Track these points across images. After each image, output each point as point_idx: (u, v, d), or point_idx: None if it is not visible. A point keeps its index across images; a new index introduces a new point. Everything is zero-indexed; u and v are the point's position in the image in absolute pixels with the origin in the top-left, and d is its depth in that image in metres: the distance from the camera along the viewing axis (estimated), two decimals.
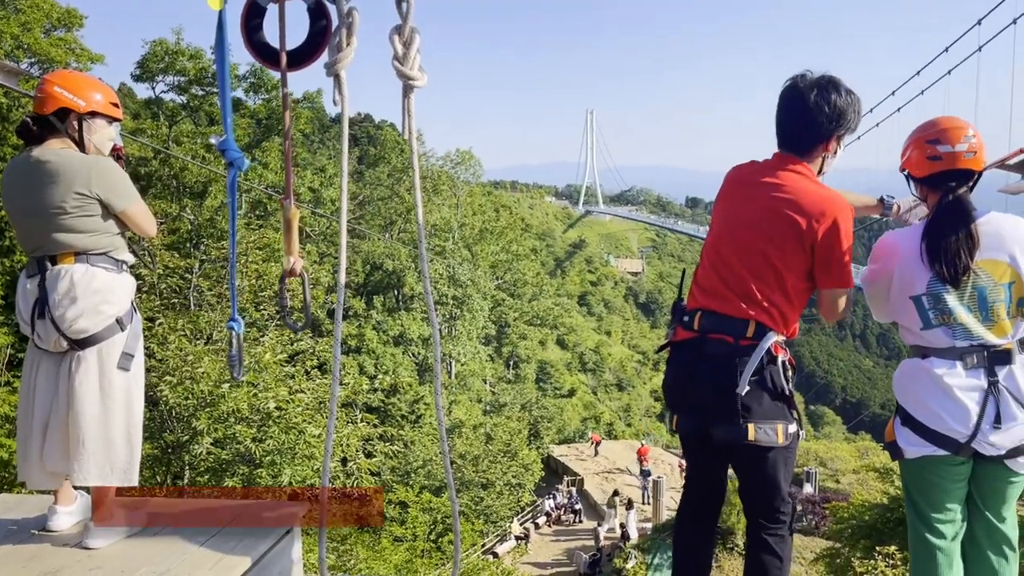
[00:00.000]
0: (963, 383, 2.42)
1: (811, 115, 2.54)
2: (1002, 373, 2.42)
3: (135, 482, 2.92)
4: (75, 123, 2.89)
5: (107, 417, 2.87)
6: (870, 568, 12.36)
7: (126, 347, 2.93)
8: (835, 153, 2.65)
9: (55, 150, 2.84)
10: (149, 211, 3.03)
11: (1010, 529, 2.62)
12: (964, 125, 2.49)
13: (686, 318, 2.66)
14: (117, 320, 2.91)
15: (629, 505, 25.97)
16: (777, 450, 2.58)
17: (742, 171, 2.71)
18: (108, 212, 2.88)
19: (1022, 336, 2.45)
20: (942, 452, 2.49)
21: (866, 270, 2.70)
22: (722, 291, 2.59)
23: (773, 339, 2.53)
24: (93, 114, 2.92)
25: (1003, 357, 2.43)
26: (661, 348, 2.81)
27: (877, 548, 12.62)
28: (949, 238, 2.41)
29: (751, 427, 2.51)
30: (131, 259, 3.06)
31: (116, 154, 3.05)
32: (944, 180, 2.50)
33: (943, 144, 2.47)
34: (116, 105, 2.99)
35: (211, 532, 3.02)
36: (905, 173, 2.64)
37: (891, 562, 8.87)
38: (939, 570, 2.58)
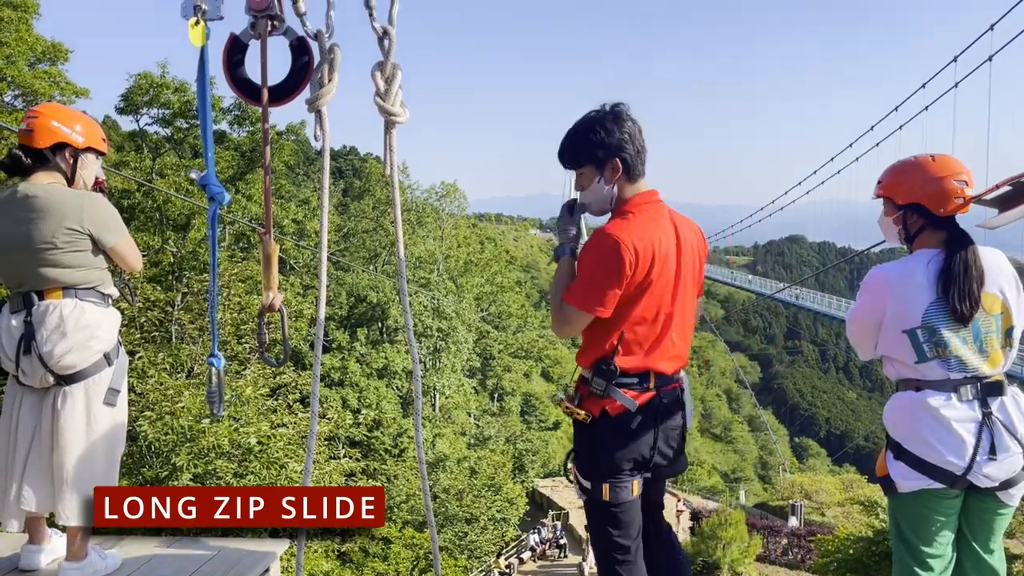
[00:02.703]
0: (959, 415, 2.43)
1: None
2: (995, 404, 2.45)
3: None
4: (69, 157, 2.88)
5: (92, 454, 2.84)
6: None
7: (112, 382, 2.90)
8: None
9: (43, 184, 2.81)
10: (136, 246, 3.02)
11: (997, 562, 2.62)
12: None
13: (635, 379, 2.54)
14: (104, 355, 2.88)
15: None
16: None
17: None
18: (98, 247, 2.87)
19: (1009, 368, 2.51)
20: (937, 485, 2.48)
21: (856, 304, 2.69)
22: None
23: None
24: (87, 149, 2.92)
25: (995, 388, 2.47)
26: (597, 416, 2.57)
27: None
28: (966, 277, 2.45)
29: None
30: (116, 293, 3.04)
31: (99, 187, 3.04)
32: (954, 219, 2.58)
33: (969, 188, 2.55)
34: (105, 140, 3.00)
35: (188, 571, 2.97)
36: (911, 203, 2.60)
37: None
38: None
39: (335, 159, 73.42)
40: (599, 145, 2.50)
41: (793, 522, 25.98)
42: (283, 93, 2.46)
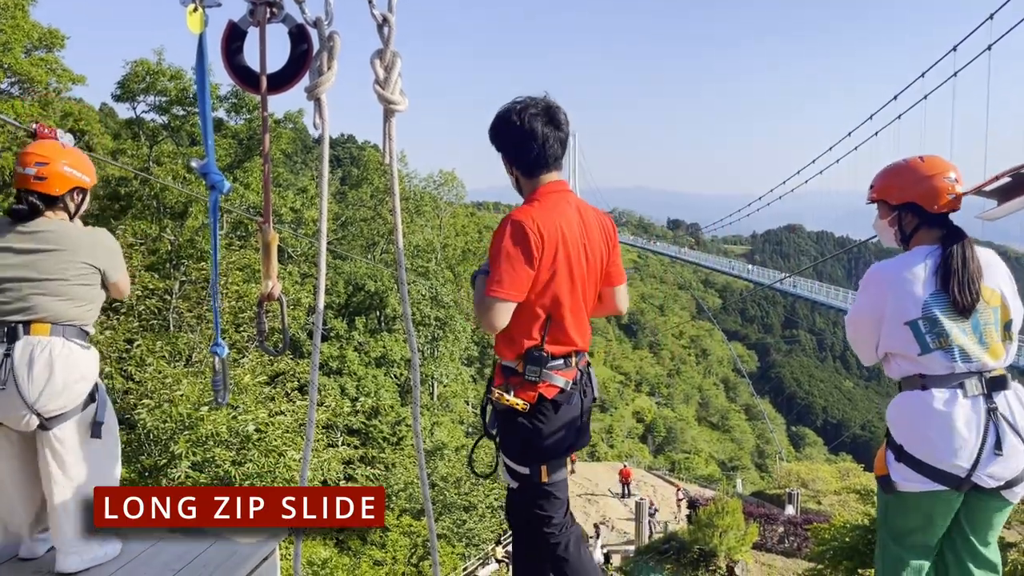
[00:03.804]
0: (964, 413, 2.43)
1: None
2: (999, 400, 2.45)
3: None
4: (77, 196, 2.98)
5: (90, 489, 2.85)
6: None
7: (97, 416, 2.91)
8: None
9: (54, 220, 2.88)
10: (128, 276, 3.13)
11: (993, 553, 2.65)
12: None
13: (561, 361, 2.64)
14: (90, 394, 2.90)
15: (596, 532, 25.89)
16: None
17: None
18: (103, 283, 2.97)
19: (1012, 362, 2.53)
20: (940, 487, 2.48)
21: (855, 305, 2.71)
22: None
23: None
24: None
25: (999, 383, 2.47)
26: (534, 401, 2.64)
27: (859, 570, 12.65)
28: (965, 269, 2.49)
29: None
30: (93, 331, 3.06)
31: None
32: (948, 216, 2.62)
33: (959, 184, 2.60)
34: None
35: (187, 559, 2.98)
36: (905, 203, 2.65)
37: None
38: None
39: (332, 147, 73.19)
40: (493, 141, 2.69)
41: (789, 510, 26.07)
42: (282, 81, 2.45)
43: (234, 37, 2.47)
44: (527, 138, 2.58)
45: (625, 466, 35.29)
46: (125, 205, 26.63)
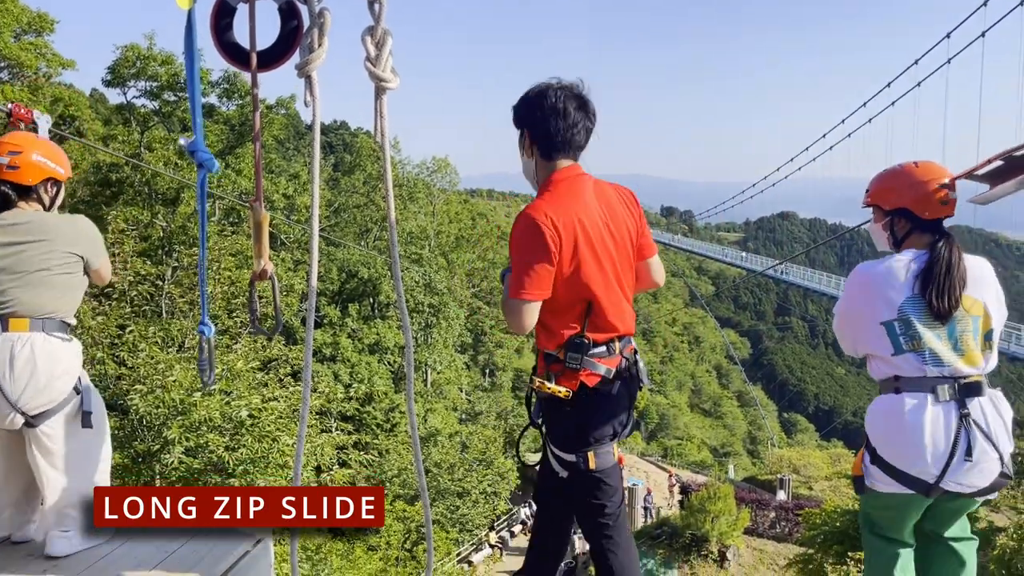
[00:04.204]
0: (934, 418, 2.43)
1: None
2: (972, 407, 2.44)
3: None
4: (51, 188, 2.95)
5: (82, 478, 2.86)
6: (843, 573, 12.46)
7: (84, 406, 2.87)
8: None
9: (29, 212, 2.85)
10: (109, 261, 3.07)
11: (965, 528, 2.75)
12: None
13: (603, 348, 2.60)
14: (74, 388, 2.86)
15: None
16: None
17: None
18: (86, 271, 2.92)
19: (992, 370, 2.51)
20: (910, 491, 2.53)
21: (841, 299, 2.76)
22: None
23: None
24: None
25: (973, 389, 2.46)
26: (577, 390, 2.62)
27: (849, 554, 12.75)
28: (948, 276, 2.49)
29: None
30: (74, 321, 3.02)
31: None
32: (940, 222, 2.63)
33: (952, 191, 2.60)
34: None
35: (179, 541, 2.97)
36: (897, 208, 2.67)
37: (863, 568, 8.95)
38: (896, 569, 2.70)
39: (325, 134, 72.82)
40: (520, 116, 2.61)
41: (781, 496, 26.26)
42: (272, 58, 2.42)
43: (223, 14, 2.44)
44: (558, 116, 2.53)
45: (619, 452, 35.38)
46: (116, 191, 26.49)
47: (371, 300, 39.95)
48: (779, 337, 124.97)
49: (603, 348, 2.59)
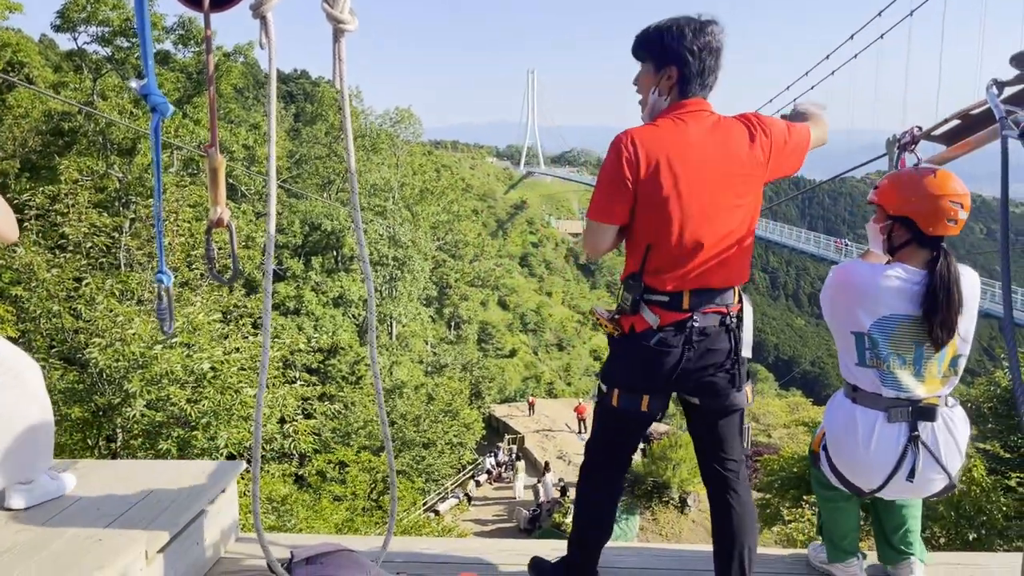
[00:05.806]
0: (882, 438, 2.43)
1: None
2: (924, 429, 2.42)
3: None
4: None
5: (16, 437, 2.71)
6: (797, 516, 12.90)
7: None
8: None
9: None
10: (12, 213, 2.47)
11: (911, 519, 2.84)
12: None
13: (666, 297, 2.43)
14: None
15: (546, 468, 26.45)
16: (745, 409, 2.69)
17: None
18: None
19: (950, 392, 2.46)
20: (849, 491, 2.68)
21: (823, 294, 2.62)
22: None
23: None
24: None
25: (927, 412, 2.41)
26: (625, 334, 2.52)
27: (804, 497, 13.17)
28: (949, 309, 2.37)
29: (748, 390, 2.63)
30: None
31: None
32: (941, 240, 2.46)
33: (964, 211, 2.41)
34: None
35: (143, 493, 2.95)
36: (901, 216, 2.49)
37: (817, 510, 9.30)
38: (845, 518, 2.83)
39: (285, 83, 71.12)
40: (668, 51, 2.38)
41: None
42: None
43: None
44: (716, 55, 2.40)
45: (580, 403, 35.84)
46: (69, 141, 25.72)
47: (335, 253, 39.61)
48: (740, 288, 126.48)
49: (665, 297, 2.43)
